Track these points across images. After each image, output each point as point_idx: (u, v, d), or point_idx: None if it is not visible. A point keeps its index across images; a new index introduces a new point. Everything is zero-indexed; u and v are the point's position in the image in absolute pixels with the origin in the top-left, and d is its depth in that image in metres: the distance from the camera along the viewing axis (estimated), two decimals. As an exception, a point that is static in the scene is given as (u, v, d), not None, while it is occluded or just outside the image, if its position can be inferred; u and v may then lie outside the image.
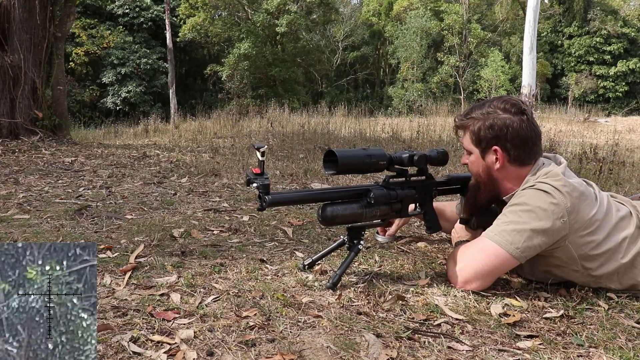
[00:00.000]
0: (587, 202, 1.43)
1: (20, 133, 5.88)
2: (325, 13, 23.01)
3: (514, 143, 1.49)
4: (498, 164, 1.52)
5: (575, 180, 1.47)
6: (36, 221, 2.21)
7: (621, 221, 1.49)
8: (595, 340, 1.21)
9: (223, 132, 8.26)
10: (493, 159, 1.52)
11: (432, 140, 6.25)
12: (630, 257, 1.46)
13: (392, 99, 23.13)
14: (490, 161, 1.53)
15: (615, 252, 1.46)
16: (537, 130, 1.52)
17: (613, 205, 1.51)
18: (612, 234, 1.45)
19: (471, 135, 1.54)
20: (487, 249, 1.44)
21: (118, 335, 1.12)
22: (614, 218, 1.47)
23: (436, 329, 1.24)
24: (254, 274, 1.56)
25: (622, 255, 1.46)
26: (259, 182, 1.32)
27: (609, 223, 1.46)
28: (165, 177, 3.70)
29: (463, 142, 1.59)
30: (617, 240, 1.46)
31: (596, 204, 1.45)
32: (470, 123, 1.54)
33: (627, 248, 1.46)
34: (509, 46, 24.43)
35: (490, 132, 1.50)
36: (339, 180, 3.57)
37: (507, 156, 1.50)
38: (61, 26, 6.35)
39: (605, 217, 1.46)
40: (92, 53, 19.51)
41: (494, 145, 1.50)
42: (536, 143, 1.52)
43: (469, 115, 1.56)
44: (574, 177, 1.50)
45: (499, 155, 1.51)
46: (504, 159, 1.51)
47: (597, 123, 11.04)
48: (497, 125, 1.49)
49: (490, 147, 1.51)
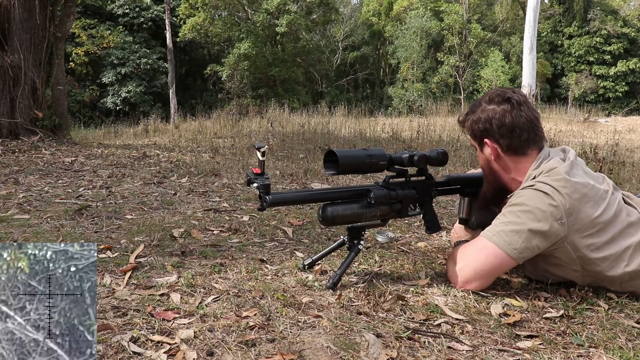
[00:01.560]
0: (591, 203, 1.40)
1: (20, 133, 5.88)
2: (325, 13, 23.00)
3: (501, 133, 1.50)
4: (493, 156, 1.56)
5: (580, 180, 1.43)
6: (36, 221, 2.21)
7: (629, 227, 1.44)
8: (595, 340, 1.21)
9: (223, 132, 8.26)
10: (489, 152, 1.56)
11: (432, 141, 6.25)
12: (636, 267, 1.42)
13: (392, 99, 23.12)
14: (487, 154, 1.57)
15: (618, 259, 1.42)
16: (529, 116, 1.49)
17: (624, 209, 1.47)
18: (617, 239, 1.42)
19: (468, 131, 1.61)
20: (485, 249, 1.44)
21: (118, 335, 1.12)
22: (622, 222, 1.44)
23: (436, 329, 1.24)
24: (254, 274, 1.56)
25: (626, 264, 1.42)
26: (259, 182, 1.32)
27: (616, 227, 1.42)
28: (165, 177, 3.70)
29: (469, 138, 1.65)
30: (622, 246, 1.42)
31: (603, 205, 1.42)
32: (466, 119, 1.60)
33: (632, 256, 1.43)
34: (509, 46, 24.42)
35: (479, 126, 1.54)
36: (339, 180, 3.57)
37: (498, 147, 1.53)
38: (61, 26, 6.35)
39: (612, 219, 1.42)
40: (92, 53, 19.50)
41: (485, 138, 1.55)
42: (528, 129, 1.49)
43: (466, 113, 1.62)
44: (580, 176, 1.45)
45: (491, 147, 1.54)
46: (497, 150, 1.54)
47: (597, 123, 11.04)
48: (482, 118, 1.53)
49: (483, 140, 1.55)
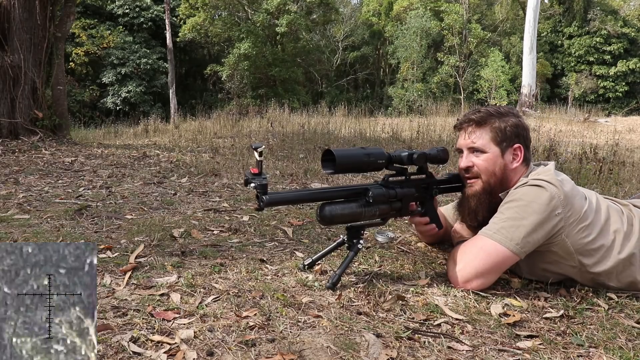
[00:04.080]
0: (579, 196, 1.49)
1: (20, 133, 5.87)
2: (325, 13, 22.98)
3: (527, 144, 1.58)
4: (516, 163, 1.56)
5: (564, 176, 1.54)
6: (36, 221, 2.21)
7: (610, 218, 1.53)
8: (595, 340, 1.21)
9: (223, 132, 8.25)
10: (510, 158, 1.56)
11: (432, 140, 6.25)
12: (627, 254, 1.49)
13: (392, 99, 23.10)
14: (508, 160, 1.57)
15: (611, 249, 1.49)
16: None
17: (602, 202, 1.56)
18: (604, 231, 1.50)
19: (494, 131, 1.55)
20: (486, 248, 1.45)
21: (118, 335, 1.12)
22: (603, 215, 1.52)
23: (436, 329, 1.24)
24: (254, 274, 1.56)
25: (618, 251, 1.49)
26: (256, 182, 1.32)
27: (600, 220, 1.50)
28: (165, 177, 3.70)
29: (475, 141, 1.57)
30: (610, 236, 1.50)
31: (586, 202, 1.51)
32: (492, 121, 1.56)
33: (623, 244, 1.49)
34: (509, 46, 24.41)
35: (515, 130, 1.56)
36: (340, 179, 3.57)
37: (523, 155, 1.57)
38: (61, 26, 6.35)
39: (595, 214, 1.50)
40: (92, 53, 19.48)
41: (517, 143, 1.56)
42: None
43: (485, 114, 1.57)
44: (562, 175, 1.56)
45: (520, 153, 1.56)
46: (522, 157, 1.57)
47: (597, 123, 11.03)
48: (519, 125, 1.57)
49: (513, 145, 1.56)
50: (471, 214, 1.60)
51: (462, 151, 1.62)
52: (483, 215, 1.57)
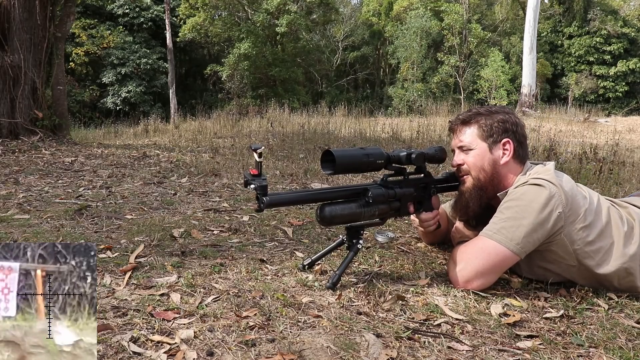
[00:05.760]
0: (579, 196, 1.49)
1: (20, 133, 5.87)
2: (325, 13, 22.98)
3: (519, 139, 1.58)
4: (506, 157, 1.57)
5: (566, 176, 1.54)
6: (36, 221, 2.21)
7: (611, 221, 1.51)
8: (595, 340, 1.21)
9: (223, 132, 8.25)
10: (500, 153, 1.57)
11: (432, 140, 6.25)
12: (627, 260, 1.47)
13: (392, 99, 23.09)
14: (497, 155, 1.57)
15: (610, 252, 1.48)
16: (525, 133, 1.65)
17: (604, 205, 1.55)
18: (604, 233, 1.49)
19: (480, 128, 1.58)
20: (486, 248, 1.45)
21: (118, 335, 1.12)
22: (604, 218, 1.51)
23: (436, 329, 1.24)
24: (254, 274, 1.56)
25: (618, 255, 1.48)
26: (256, 183, 1.31)
27: (600, 222, 1.49)
28: (165, 177, 3.70)
29: (463, 139, 1.61)
30: (610, 239, 1.49)
31: (586, 202, 1.50)
32: (479, 118, 1.59)
33: (623, 249, 1.48)
34: (509, 46, 24.41)
35: (502, 126, 1.57)
36: (340, 180, 3.57)
37: (514, 150, 1.57)
38: (61, 26, 6.35)
39: (596, 216, 1.49)
40: (92, 53, 19.48)
41: (505, 138, 1.56)
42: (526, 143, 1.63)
43: (473, 113, 1.61)
44: (563, 175, 1.56)
45: (509, 148, 1.56)
46: (513, 152, 1.56)
47: (597, 123, 11.02)
48: (508, 121, 1.58)
49: (501, 140, 1.57)
50: (462, 209, 1.65)
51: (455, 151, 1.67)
52: (474, 210, 1.60)
